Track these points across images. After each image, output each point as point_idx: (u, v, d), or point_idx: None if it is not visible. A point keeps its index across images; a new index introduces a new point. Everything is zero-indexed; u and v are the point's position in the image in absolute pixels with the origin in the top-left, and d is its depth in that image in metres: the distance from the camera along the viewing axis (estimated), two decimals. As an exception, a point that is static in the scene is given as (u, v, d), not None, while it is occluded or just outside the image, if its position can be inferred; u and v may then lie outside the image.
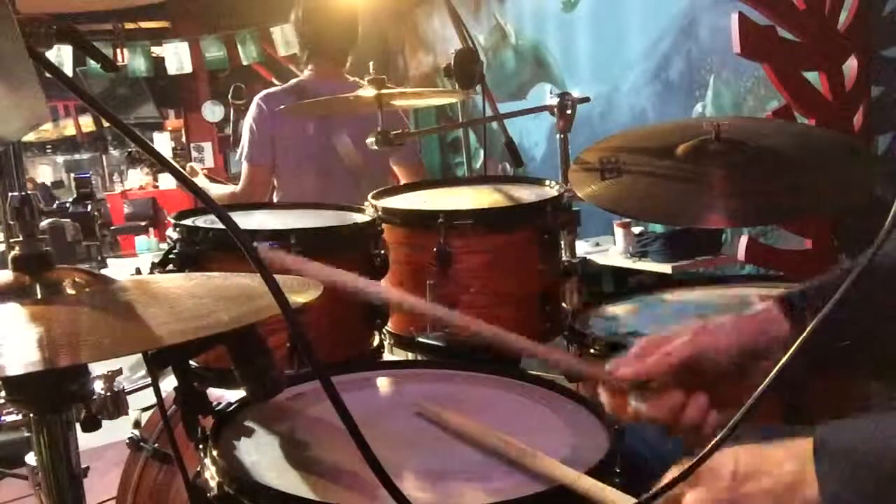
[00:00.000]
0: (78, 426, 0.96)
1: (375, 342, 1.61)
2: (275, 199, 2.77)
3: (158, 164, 0.72)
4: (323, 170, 2.70)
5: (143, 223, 8.18)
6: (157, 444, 1.58)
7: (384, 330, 1.66)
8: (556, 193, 1.73)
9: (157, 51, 7.27)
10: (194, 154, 8.37)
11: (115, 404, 1.19)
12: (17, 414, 1.15)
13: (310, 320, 1.37)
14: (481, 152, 2.71)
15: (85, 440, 0.96)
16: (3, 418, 1.57)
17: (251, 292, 0.92)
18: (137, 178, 9.09)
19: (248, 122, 2.76)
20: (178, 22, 7.64)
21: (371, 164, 2.71)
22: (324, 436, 1.03)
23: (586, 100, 1.98)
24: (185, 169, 2.79)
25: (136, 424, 1.67)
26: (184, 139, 8.71)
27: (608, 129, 4.18)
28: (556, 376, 1.37)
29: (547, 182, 1.84)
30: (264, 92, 2.80)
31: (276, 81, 4.71)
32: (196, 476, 0.94)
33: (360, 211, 1.68)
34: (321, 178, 2.69)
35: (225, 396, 1.22)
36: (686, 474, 0.75)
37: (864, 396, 1.33)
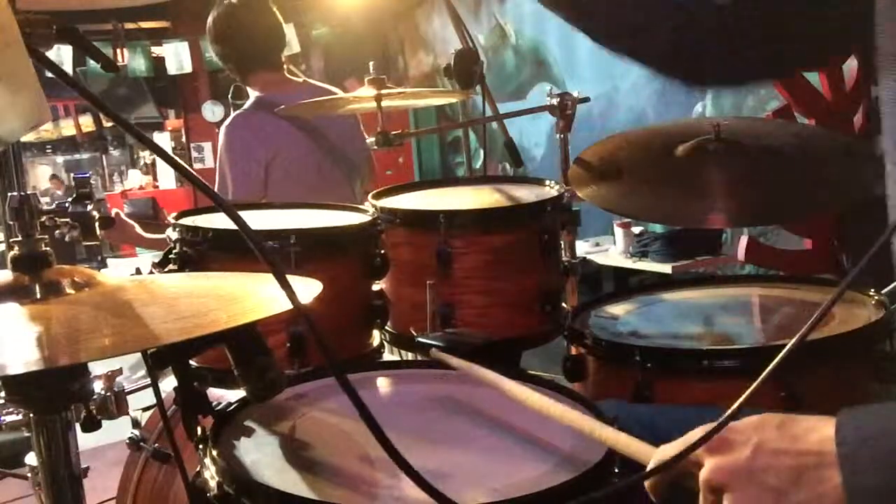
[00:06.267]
0: (78, 426, 0.96)
1: (376, 342, 1.61)
2: None
3: (163, 160, 0.72)
4: (323, 175, 2.55)
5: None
6: (157, 444, 1.58)
7: (384, 330, 1.66)
8: (556, 193, 1.73)
9: (157, 51, 7.28)
10: (194, 154, 8.38)
11: (115, 404, 1.19)
12: (17, 414, 1.15)
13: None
14: (481, 152, 2.71)
15: (85, 440, 0.96)
16: (3, 418, 1.57)
17: (251, 292, 0.92)
18: (137, 178, 9.10)
19: (226, 155, 2.45)
20: (178, 22, 7.63)
21: (364, 164, 2.70)
22: (324, 436, 1.03)
23: (586, 100, 1.98)
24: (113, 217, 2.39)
25: (136, 424, 1.67)
26: (184, 139, 8.71)
27: (608, 129, 4.18)
28: (556, 376, 1.37)
29: (547, 182, 1.84)
30: (234, 117, 2.52)
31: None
32: (196, 476, 0.94)
33: (361, 211, 1.68)
34: (319, 186, 2.50)
35: (225, 396, 1.22)
36: (697, 444, 0.75)
37: (865, 393, 1.33)
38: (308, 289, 0.93)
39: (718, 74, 1.20)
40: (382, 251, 1.55)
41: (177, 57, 7.21)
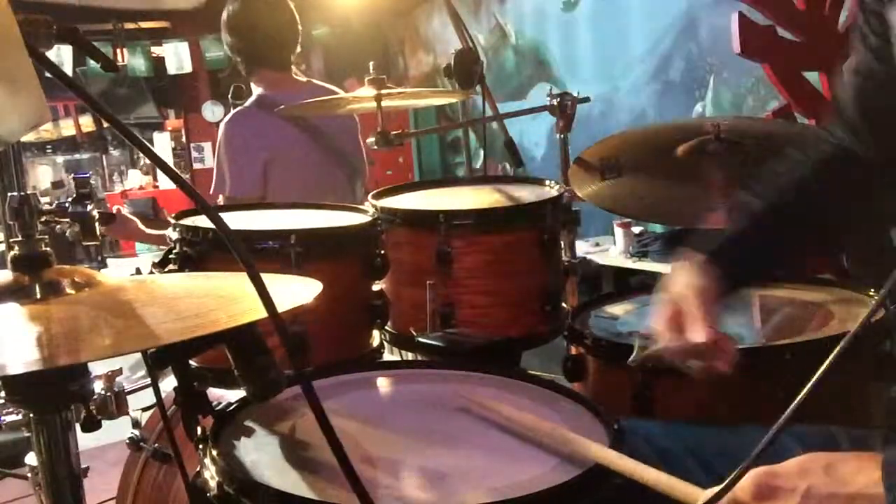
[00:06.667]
0: (78, 426, 0.96)
1: (376, 342, 1.61)
2: None
3: (155, 164, 0.72)
4: (323, 175, 2.55)
5: (142, 223, 8.16)
6: (157, 444, 1.58)
7: (384, 330, 1.66)
8: (556, 193, 1.73)
9: (157, 51, 7.28)
10: (194, 154, 8.37)
11: (115, 404, 1.19)
12: (17, 414, 1.15)
13: (310, 320, 1.37)
14: (481, 152, 2.71)
15: (85, 440, 0.96)
16: (3, 418, 1.57)
17: (251, 292, 0.91)
18: (137, 178, 9.09)
19: (225, 152, 2.45)
20: (178, 22, 7.64)
21: (362, 164, 2.71)
22: (324, 436, 1.03)
23: (586, 100, 1.98)
24: (115, 213, 2.31)
25: (136, 424, 1.67)
26: (184, 139, 8.71)
27: (608, 129, 4.18)
28: (556, 376, 1.37)
29: (547, 182, 1.84)
30: (234, 114, 2.52)
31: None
32: (196, 476, 0.94)
33: (361, 211, 1.68)
34: (319, 186, 2.49)
35: (225, 396, 1.22)
36: (734, 481, 0.76)
37: (865, 393, 1.33)
38: (308, 289, 0.93)
39: None
40: (382, 251, 1.55)
41: (177, 57, 7.22)
